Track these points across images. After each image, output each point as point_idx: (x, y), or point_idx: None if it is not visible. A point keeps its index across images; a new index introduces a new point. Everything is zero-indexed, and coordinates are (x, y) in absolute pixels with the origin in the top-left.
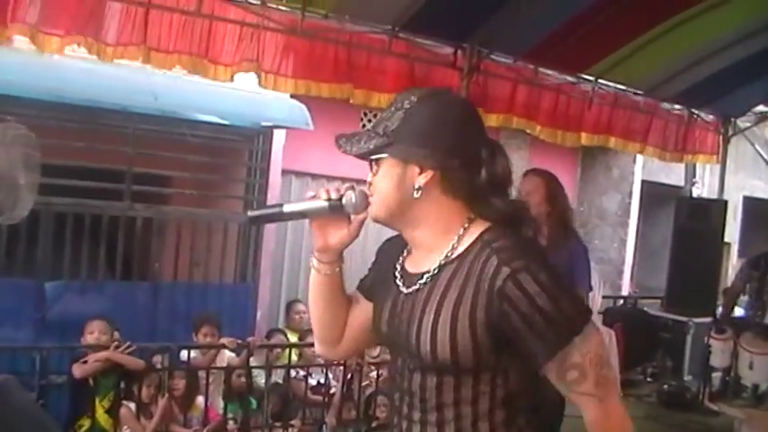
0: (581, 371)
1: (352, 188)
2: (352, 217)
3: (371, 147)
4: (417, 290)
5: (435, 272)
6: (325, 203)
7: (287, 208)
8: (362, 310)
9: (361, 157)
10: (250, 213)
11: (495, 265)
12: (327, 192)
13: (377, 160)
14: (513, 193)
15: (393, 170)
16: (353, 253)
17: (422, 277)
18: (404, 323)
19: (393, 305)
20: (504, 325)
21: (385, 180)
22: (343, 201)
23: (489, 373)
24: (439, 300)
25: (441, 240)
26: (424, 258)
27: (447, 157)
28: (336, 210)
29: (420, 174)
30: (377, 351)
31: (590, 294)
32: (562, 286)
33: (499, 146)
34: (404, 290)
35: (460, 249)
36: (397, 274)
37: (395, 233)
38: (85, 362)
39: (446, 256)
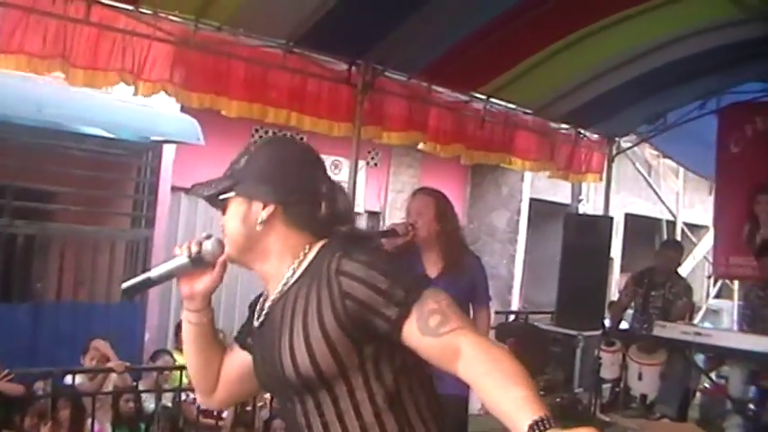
0: (441, 313)
1: (208, 237)
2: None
3: (219, 188)
4: (267, 319)
5: (279, 297)
6: (186, 259)
7: (154, 273)
8: (238, 359)
9: (212, 200)
10: (123, 286)
11: (328, 265)
12: (187, 248)
13: (226, 202)
14: (403, 213)
15: (239, 208)
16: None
17: (267, 307)
18: (267, 354)
19: (259, 345)
20: (353, 316)
21: (232, 218)
22: (201, 251)
23: (360, 375)
24: (290, 319)
25: (284, 268)
26: (272, 290)
27: (287, 193)
28: (198, 262)
29: (263, 209)
30: None
31: (491, 304)
32: (393, 264)
33: (339, 185)
34: (256, 324)
35: (301, 270)
36: (255, 313)
37: None
38: None
39: (286, 280)
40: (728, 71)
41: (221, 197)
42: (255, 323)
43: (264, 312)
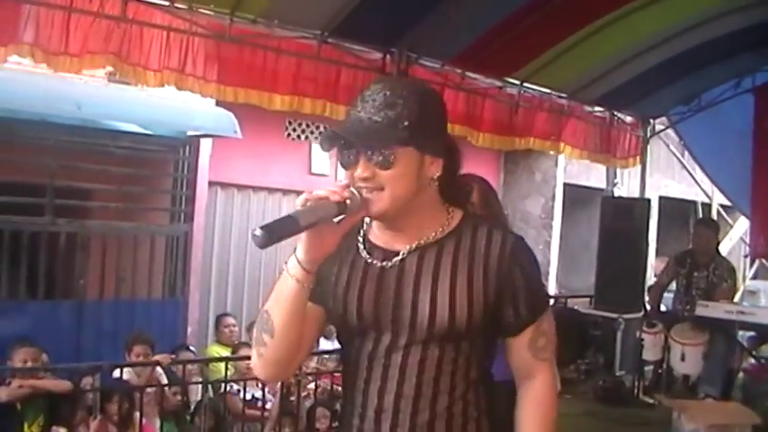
0: (548, 338)
1: (348, 187)
2: (338, 220)
3: (393, 139)
4: (408, 263)
5: (416, 249)
6: (335, 208)
7: (302, 221)
8: (312, 316)
9: (375, 149)
10: (259, 233)
11: (502, 237)
12: (336, 194)
13: (390, 155)
14: None
15: (413, 161)
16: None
17: (407, 251)
18: (391, 297)
19: (369, 280)
20: (506, 283)
21: (406, 172)
22: (348, 202)
23: (470, 346)
24: (432, 272)
25: (428, 222)
26: (401, 237)
27: (449, 150)
28: (342, 212)
29: (432, 163)
30: (313, 362)
31: None
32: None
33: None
34: (384, 264)
35: (446, 231)
36: (363, 253)
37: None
38: (9, 383)
39: (428, 236)
40: (763, 49)
41: (396, 149)
42: (379, 262)
43: (398, 258)
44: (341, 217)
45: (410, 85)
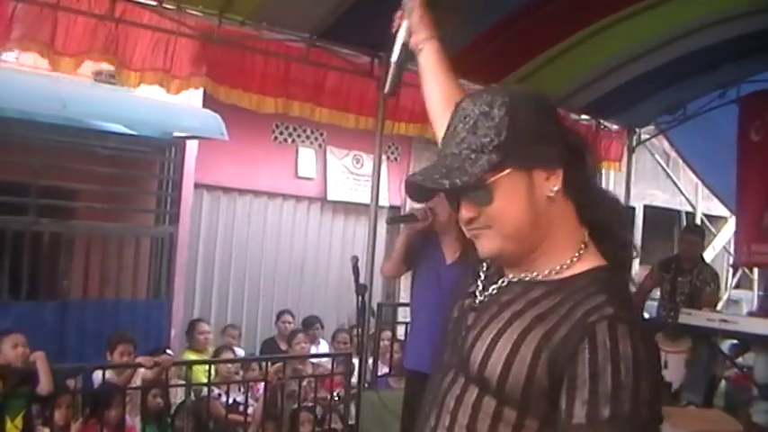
0: None
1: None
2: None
3: (486, 167)
4: (495, 295)
5: (522, 282)
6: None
7: None
8: None
9: (464, 189)
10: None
11: (600, 302)
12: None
13: (487, 188)
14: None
15: (518, 184)
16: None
17: (504, 283)
18: (468, 326)
19: (469, 305)
20: (568, 362)
21: (513, 200)
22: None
23: (536, 421)
24: (511, 315)
25: (561, 247)
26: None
27: (569, 150)
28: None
29: (547, 178)
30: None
31: None
32: (651, 376)
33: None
34: (483, 293)
35: (566, 274)
36: (481, 273)
37: None
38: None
39: (547, 273)
40: (748, 60)
41: (491, 179)
42: (480, 294)
43: (494, 290)
44: None
45: (491, 95)
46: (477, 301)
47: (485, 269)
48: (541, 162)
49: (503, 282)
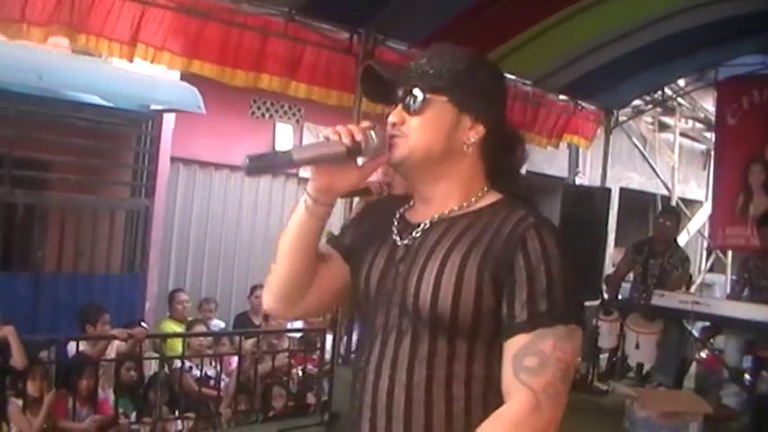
0: (542, 362)
1: (371, 127)
2: (363, 159)
3: (429, 84)
4: (419, 238)
5: (431, 226)
6: (343, 149)
7: (296, 155)
8: (335, 268)
9: (404, 93)
10: (249, 158)
11: (522, 215)
12: (348, 135)
13: (426, 101)
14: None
15: (446, 115)
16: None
17: (426, 225)
18: (402, 273)
19: (390, 257)
20: (506, 272)
21: (434, 123)
22: (367, 144)
23: (485, 346)
24: (447, 250)
25: (456, 197)
26: (429, 211)
27: (497, 119)
28: (354, 154)
29: (471, 128)
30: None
31: None
32: (573, 273)
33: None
34: (404, 241)
35: (470, 210)
36: (394, 228)
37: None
38: None
39: (460, 207)
40: (726, 44)
41: (429, 95)
42: (399, 239)
43: (417, 233)
44: (363, 159)
45: (470, 52)
46: (404, 245)
47: (397, 218)
48: (473, 111)
49: (425, 225)
